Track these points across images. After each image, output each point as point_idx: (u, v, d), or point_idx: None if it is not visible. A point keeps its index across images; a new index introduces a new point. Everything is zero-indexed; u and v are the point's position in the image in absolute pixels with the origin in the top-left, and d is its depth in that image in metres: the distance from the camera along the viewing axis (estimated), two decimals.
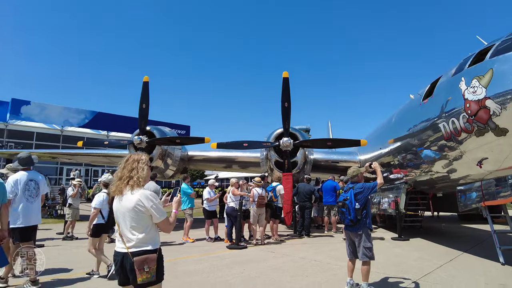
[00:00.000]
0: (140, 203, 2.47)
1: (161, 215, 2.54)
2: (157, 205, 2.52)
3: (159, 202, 2.57)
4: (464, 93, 5.86)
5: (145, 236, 2.48)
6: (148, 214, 2.50)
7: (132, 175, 2.60)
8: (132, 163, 2.68)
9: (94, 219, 5.62)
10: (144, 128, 11.90)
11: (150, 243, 2.49)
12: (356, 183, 4.93)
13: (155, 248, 2.50)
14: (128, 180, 2.59)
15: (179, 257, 7.21)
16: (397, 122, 10.41)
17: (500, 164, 5.83)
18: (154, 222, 2.53)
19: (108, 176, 6.38)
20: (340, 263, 6.42)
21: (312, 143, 11.95)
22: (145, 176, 2.66)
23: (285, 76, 11.12)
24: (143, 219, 2.50)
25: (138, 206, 2.47)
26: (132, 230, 2.48)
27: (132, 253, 2.44)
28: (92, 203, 5.75)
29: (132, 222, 2.48)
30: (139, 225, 2.48)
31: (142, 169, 2.66)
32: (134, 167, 2.65)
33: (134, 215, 2.48)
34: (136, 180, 2.59)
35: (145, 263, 2.40)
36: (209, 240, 9.42)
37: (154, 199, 2.54)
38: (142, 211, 2.48)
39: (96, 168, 34.58)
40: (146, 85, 11.73)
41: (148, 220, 2.52)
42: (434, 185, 9.06)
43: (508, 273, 5.66)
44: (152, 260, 2.43)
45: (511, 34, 5.63)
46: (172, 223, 2.65)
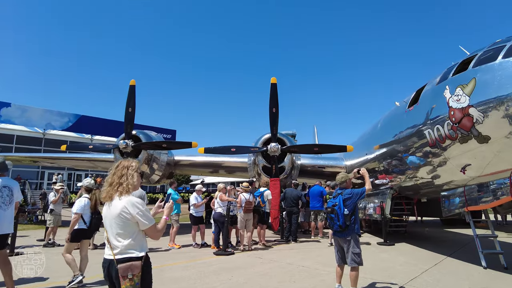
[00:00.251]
0: (125, 210, 2.44)
1: (148, 221, 2.49)
2: (144, 212, 2.48)
3: (146, 209, 2.53)
4: (449, 101, 6.02)
5: (130, 243, 2.44)
6: (134, 221, 2.46)
7: (121, 182, 2.58)
8: (122, 169, 2.66)
9: (75, 224, 5.45)
10: (130, 132, 11.71)
11: (136, 250, 2.45)
12: (344, 189, 4.97)
13: (140, 255, 2.45)
14: (117, 187, 2.57)
15: (165, 263, 7.08)
16: (383, 129, 10.59)
17: (482, 170, 6.00)
18: (141, 229, 2.49)
19: (90, 181, 6.20)
20: (327, 268, 6.44)
21: (300, 149, 12.02)
22: (135, 183, 2.64)
23: (273, 82, 11.17)
24: (129, 226, 2.45)
25: (124, 213, 2.44)
26: (118, 237, 2.44)
27: (117, 260, 2.41)
28: (73, 208, 5.58)
29: (118, 229, 2.44)
30: (125, 232, 2.45)
31: (132, 176, 2.64)
32: (124, 174, 2.62)
33: (119, 222, 2.44)
34: (126, 186, 2.56)
35: (129, 270, 2.37)
36: (195, 246, 9.31)
37: (141, 205, 2.50)
38: (127, 218, 2.44)
39: (80, 172, 33.72)
40: (132, 89, 11.57)
41: (134, 227, 2.47)
42: (419, 191, 9.23)
43: (491, 276, 5.81)
44: (137, 267, 2.39)
45: (492, 44, 5.84)
46: (160, 230, 2.60)
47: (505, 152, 5.38)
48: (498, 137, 5.26)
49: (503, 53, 5.34)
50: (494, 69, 5.31)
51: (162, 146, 12.36)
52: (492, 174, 5.89)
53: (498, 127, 5.20)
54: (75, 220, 5.43)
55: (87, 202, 5.68)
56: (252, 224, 9.27)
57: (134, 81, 11.65)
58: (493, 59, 5.42)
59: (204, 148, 11.68)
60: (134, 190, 2.66)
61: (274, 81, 11.16)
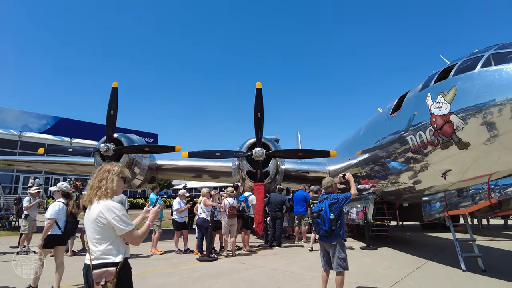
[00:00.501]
0: (101, 214, 2.38)
1: (126, 226, 2.41)
2: (120, 217, 2.41)
3: (124, 214, 2.45)
4: (431, 108, 6.18)
5: (106, 248, 2.38)
6: (110, 226, 2.39)
7: (100, 185, 2.53)
8: (103, 173, 2.62)
9: (49, 230, 5.21)
10: (112, 136, 11.44)
11: (112, 255, 2.38)
12: (330, 194, 4.99)
13: (116, 261, 2.37)
14: (96, 191, 2.52)
15: (147, 270, 6.89)
16: (366, 135, 10.77)
17: (462, 176, 6.17)
18: (118, 234, 2.42)
19: (66, 184, 5.93)
20: (312, 273, 6.43)
21: (284, 153, 12.05)
22: (114, 188, 2.58)
23: (258, 87, 11.19)
24: (105, 231, 2.39)
25: (99, 217, 2.38)
26: (95, 242, 2.39)
27: (93, 265, 2.35)
28: (47, 214, 5.31)
29: (95, 234, 2.39)
30: (102, 237, 2.39)
31: (112, 180, 2.58)
32: (104, 178, 2.57)
33: (96, 226, 2.39)
34: (104, 191, 2.51)
35: (103, 277, 2.30)
36: (178, 252, 9.13)
37: (118, 210, 2.43)
38: (103, 223, 2.38)
39: (57, 176, 32.58)
40: (115, 91, 11.32)
41: (110, 232, 2.41)
42: (401, 196, 9.40)
43: (469, 279, 5.97)
44: (111, 273, 2.32)
45: (471, 54, 6.04)
46: (140, 235, 2.50)
47: (483, 158, 5.55)
48: (477, 144, 5.43)
49: (482, 62, 5.53)
50: (474, 77, 5.49)
51: (144, 150, 12.14)
52: (471, 180, 6.06)
53: (477, 134, 5.37)
54: (48, 225, 5.20)
55: (62, 206, 5.45)
56: (236, 230, 9.19)
57: (116, 83, 11.42)
58: (472, 68, 5.60)
59: (188, 152, 11.56)
60: (114, 194, 2.61)
61: (259, 86, 11.19)
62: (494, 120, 5.06)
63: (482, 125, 5.23)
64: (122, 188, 2.70)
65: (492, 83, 5.17)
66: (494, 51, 5.53)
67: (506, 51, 5.40)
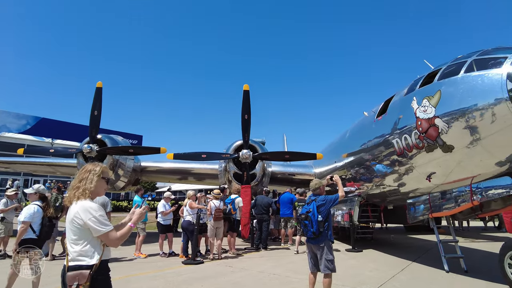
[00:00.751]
0: (77, 215, 2.32)
1: (102, 227, 2.33)
2: (97, 218, 2.33)
3: (101, 215, 2.37)
4: (416, 111, 6.29)
5: (81, 250, 2.30)
6: (87, 227, 2.32)
7: (79, 186, 2.49)
8: (84, 173, 2.57)
9: (23, 234, 4.98)
10: (95, 136, 11.17)
11: (87, 257, 2.30)
12: (318, 195, 4.99)
13: (91, 264, 2.28)
14: (75, 191, 2.47)
15: (131, 273, 6.72)
16: (352, 138, 10.88)
17: (446, 178, 6.30)
18: (94, 235, 2.34)
19: (42, 186, 5.71)
20: (299, 276, 6.42)
21: (271, 156, 12.05)
22: (92, 188, 2.50)
23: (245, 89, 11.16)
24: (81, 232, 2.33)
25: (76, 218, 2.33)
26: (72, 243, 2.33)
27: (68, 267, 2.29)
28: (20, 217, 5.06)
29: (72, 235, 2.34)
30: (78, 238, 2.33)
31: (91, 180, 2.52)
32: (84, 178, 2.53)
33: (72, 227, 2.34)
34: (82, 191, 2.45)
35: (75, 280, 2.22)
36: (163, 256, 8.96)
37: (94, 211, 2.35)
38: (79, 223, 2.32)
39: (37, 178, 31.50)
40: (99, 91, 11.07)
41: (87, 233, 2.34)
42: (386, 198, 9.52)
43: (453, 279, 6.09)
44: (84, 276, 2.23)
45: (455, 60, 6.18)
46: (119, 237, 2.40)
47: (466, 161, 5.68)
48: (460, 147, 5.55)
49: (465, 68, 5.66)
50: (457, 82, 5.61)
51: (128, 151, 11.91)
52: (455, 182, 6.19)
53: (460, 138, 5.49)
54: (22, 229, 4.97)
55: (38, 209, 5.23)
56: (222, 232, 9.10)
57: (101, 83, 11.17)
58: (456, 73, 5.73)
59: (174, 153, 11.38)
60: (96, 195, 2.57)
61: (247, 88, 11.16)
62: (477, 124, 5.19)
63: (465, 129, 5.35)
64: (104, 189, 2.63)
65: (474, 88, 5.30)
66: (477, 57, 5.67)
67: (487, 57, 5.54)
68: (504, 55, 5.25)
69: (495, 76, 5.07)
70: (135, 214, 2.65)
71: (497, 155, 5.25)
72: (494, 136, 5.06)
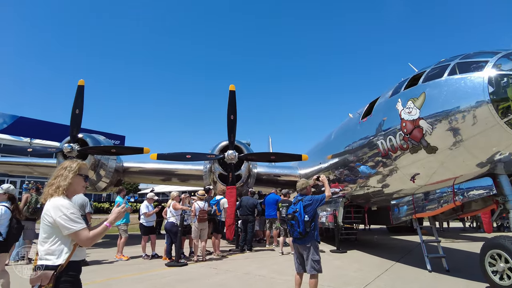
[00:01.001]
0: (48, 212, 2.23)
1: (73, 226, 2.21)
2: (68, 216, 2.21)
3: (73, 212, 2.25)
4: (401, 113, 6.37)
5: (49, 249, 2.20)
6: (56, 225, 2.21)
7: (53, 183, 2.40)
8: (59, 170, 2.47)
9: None
10: (76, 136, 10.87)
11: (53, 257, 2.18)
12: (305, 195, 4.96)
13: (57, 264, 2.16)
14: (49, 188, 2.37)
15: (112, 276, 6.51)
16: (337, 139, 10.96)
17: (429, 179, 6.39)
18: (64, 234, 2.22)
19: (11, 187, 5.43)
20: (284, 277, 6.38)
21: (257, 157, 12.00)
22: (67, 186, 2.39)
23: (231, 89, 11.09)
24: (51, 230, 2.23)
25: (46, 215, 2.23)
26: (41, 241, 2.23)
27: (35, 266, 2.18)
28: None
29: (42, 233, 2.24)
30: (47, 236, 2.23)
31: (65, 177, 2.41)
32: (59, 175, 2.44)
33: (43, 225, 2.25)
34: (55, 188, 2.35)
35: (38, 280, 2.11)
36: (145, 258, 8.76)
37: (66, 208, 2.24)
38: (49, 221, 2.22)
39: (14, 179, 30.39)
40: (81, 89, 10.78)
41: (57, 232, 2.23)
42: (370, 199, 9.62)
43: (435, 279, 6.18)
44: (46, 277, 2.10)
45: (438, 63, 6.29)
46: (91, 237, 2.26)
47: (449, 162, 5.78)
48: (444, 148, 5.65)
49: (448, 71, 5.77)
50: (441, 85, 5.71)
51: (110, 151, 11.65)
52: (438, 183, 6.29)
53: (444, 139, 5.58)
54: None
55: (5, 211, 4.96)
56: (206, 234, 8.97)
57: (83, 81, 10.89)
58: (440, 76, 5.83)
59: (157, 154, 11.16)
60: (72, 193, 2.45)
61: (233, 89, 11.10)
62: (460, 126, 5.29)
63: (449, 130, 5.44)
64: (82, 186, 2.51)
65: (457, 90, 5.40)
66: (459, 60, 5.78)
67: (469, 61, 5.66)
68: (485, 59, 5.37)
69: (477, 79, 5.18)
70: (112, 213, 2.51)
71: (479, 156, 5.37)
72: (476, 137, 5.16)
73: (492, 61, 5.19)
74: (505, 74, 4.99)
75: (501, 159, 5.25)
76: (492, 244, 5.24)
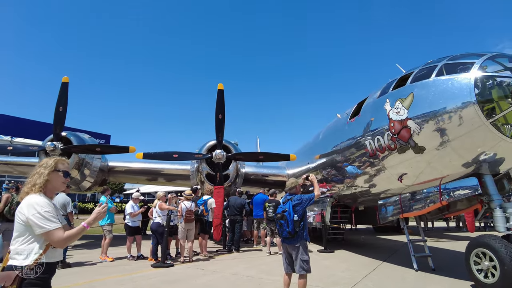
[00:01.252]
0: (21, 210, 2.14)
1: (46, 225, 2.09)
2: (42, 214, 2.10)
3: (48, 211, 2.14)
4: (389, 113, 6.41)
5: (18, 248, 2.09)
6: (29, 224, 2.10)
7: (30, 181, 2.30)
8: (38, 167, 2.37)
9: None
10: (60, 134, 10.59)
11: (21, 257, 2.06)
12: (294, 195, 4.91)
13: (23, 265, 2.04)
14: (25, 187, 2.28)
15: (96, 278, 6.33)
16: (325, 139, 10.99)
17: (416, 179, 6.46)
18: (36, 233, 2.10)
19: None
20: (272, 277, 6.33)
21: (245, 156, 11.93)
22: (43, 183, 2.27)
23: (220, 88, 10.99)
24: (23, 229, 2.13)
25: (19, 213, 2.14)
26: (13, 240, 2.13)
27: (4, 267, 2.08)
28: None
29: (15, 231, 2.15)
30: (19, 234, 2.13)
31: (41, 174, 2.30)
32: (36, 172, 2.33)
33: (16, 223, 2.15)
34: (31, 186, 2.25)
35: (2, 281, 1.99)
36: (131, 259, 8.57)
37: (40, 207, 2.13)
38: (22, 219, 2.12)
39: None
40: (65, 86, 10.51)
41: (29, 231, 2.12)
42: (357, 199, 9.68)
43: (421, 278, 6.25)
44: (10, 278, 1.98)
45: (426, 64, 6.36)
46: (65, 237, 2.14)
47: (436, 162, 5.84)
48: (432, 148, 5.70)
49: (436, 71, 5.84)
50: (429, 85, 5.77)
51: (95, 149, 11.34)
52: (425, 183, 6.36)
53: (431, 139, 5.64)
54: None
55: None
56: (193, 234, 8.85)
57: (67, 78, 10.62)
58: (428, 77, 5.90)
59: (143, 153, 10.93)
60: (51, 190, 2.34)
61: (221, 88, 11.00)
62: (447, 126, 5.35)
63: (436, 131, 5.50)
64: (61, 182, 2.38)
65: (445, 91, 5.46)
66: (447, 61, 5.86)
67: (456, 62, 5.75)
68: (471, 60, 5.46)
69: (463, 80, 5.25)
70: (92, 213, 2.37)
71: (465, 157, 5.44)
72: (463, 138, 5.23)
73: (478, 63, 5.28)
74: (491, 75, 5.09)
75: (486, 159, 5.34)
76: (477, 243, 5.31)
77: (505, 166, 5.67)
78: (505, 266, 4.70)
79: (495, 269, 4.91)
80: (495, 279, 4.88)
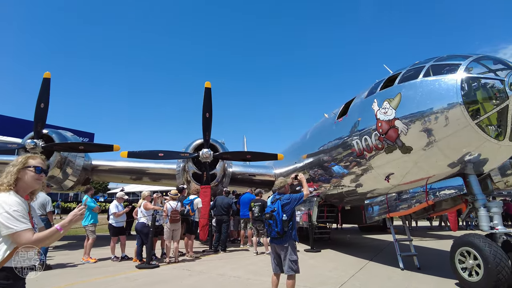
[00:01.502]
0: None
1: (14, 225, 1.96)
2: (10, 213, 1.97)
3: (17, 211, 2.00)
4: (377, 113, 6.44)
5: None
6: None
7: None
8: (8, 166, 2.23)
9: None
10: (41, 131, 10.25)
11: None
12: (283, 194, 4.86)
13: None
14: None
15: (78, 280, 6.14)
16: (312, 139, 11.00)
17: (403, 179, 6.51)
18: (2, 234, 1.97)
19: None
20: (260, 278, 6.27)
21: (232, 155, 11.84)
22: (11, 181, 2.13)
23: (207, 86, 10.85)
24: None
25: None
26: None
27: None
28: None
29: None
30: None
31: (8, 173, 2.17)
32: (6, 171, 2.21)
33: None
34: None
35: None
36: (115, 260, 8.36)
37: (8, 206, 1.99)
38: None
39: None
40: (46, 82, 10.18)
41: None
42: (344, 199, 9.72)
43: (407, 277, 6.30)
44: None
45: (413, 65, 6.42)
46: (35, 240, 2.00)
47: (423, 162, 5.90)
48: (418, 148, 5.76)
49: (423, 72, 5.89)
50: (416, 86, 5.82)
51: (78, 148, 11.00)
52: (411, 182, 6.42)
53: (418, 139, 5.69)
54: None
55: None
56: (179, 234, 8.70)
57: (49, 74, 10.30)
58: (415, 78, 5.95)
59: (128, 152, 10.69)
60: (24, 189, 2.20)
61: (208, 86, 10.86)
62: (434, 126, 5.41)
63: (423, 131, 5.55)
64: (34, 179, 2.22)
65: (432, 92, 5.52)
66: (433, 62, 5.93)
67: (443, 63, 5.81)
68: (457, 62, 5.53)
69: (450, 81, 5.32)
70: (68, 215, 2.22)
71: (450, 157, 5.51)
72: (449, 138, 5.30)
73: (464, 64, 5.35)
74: (476, 77, 5.16)
75: (471, 160, 5.43)
76: (462, 241, 5.39)
77: (489, 166, 5.80)
78: (489, 265, 4.77)
79: (479, 267, 4.98)
80: (479, 277, 4.95)
